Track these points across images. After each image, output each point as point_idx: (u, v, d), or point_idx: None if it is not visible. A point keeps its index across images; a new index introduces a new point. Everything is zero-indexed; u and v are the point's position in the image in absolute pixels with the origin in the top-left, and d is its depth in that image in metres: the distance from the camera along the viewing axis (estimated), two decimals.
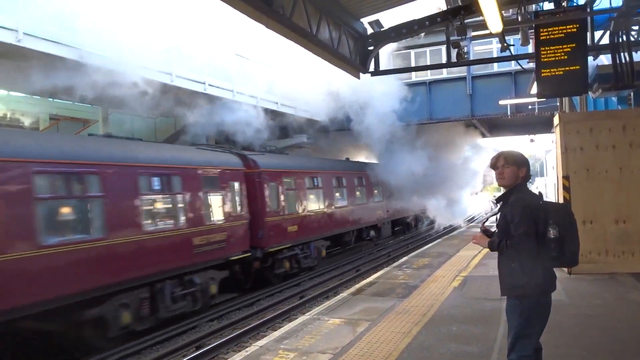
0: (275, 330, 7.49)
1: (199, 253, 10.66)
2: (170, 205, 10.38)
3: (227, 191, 11.95)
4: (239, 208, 12.31)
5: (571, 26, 7.53)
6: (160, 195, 10.15)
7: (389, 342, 6.03)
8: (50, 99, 13.97)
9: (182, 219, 10.34)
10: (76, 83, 10.03)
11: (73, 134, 12.33)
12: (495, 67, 19.02)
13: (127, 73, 10.35)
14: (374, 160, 23.52)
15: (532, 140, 34.87)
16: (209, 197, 11.28)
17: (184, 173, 10.57)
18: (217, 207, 11.56)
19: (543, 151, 42.77)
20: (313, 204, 16.03)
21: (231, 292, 12.43)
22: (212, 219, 11.28)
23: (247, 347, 6.51)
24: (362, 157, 24.69)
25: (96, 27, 10.09)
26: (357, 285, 9.83)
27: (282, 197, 14.14)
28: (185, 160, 10.98)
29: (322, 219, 16.36)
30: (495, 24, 7.23)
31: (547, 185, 36.07)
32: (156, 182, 9.94)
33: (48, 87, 9.90)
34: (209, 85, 13.96)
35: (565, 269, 9.58)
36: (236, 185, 12.33)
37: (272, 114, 16.79)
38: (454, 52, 8.98)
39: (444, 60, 10.60)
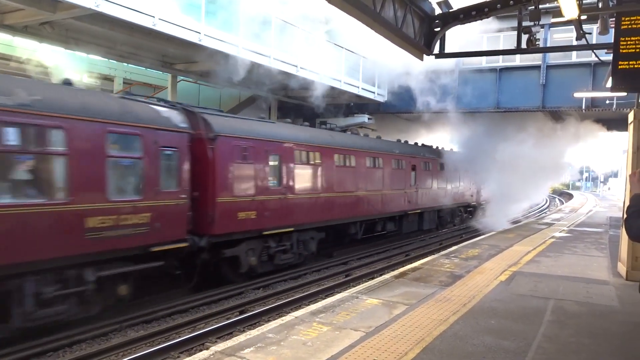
0: (313, 304, 7.63)
1: None
2: None
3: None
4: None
5: None
6: None
7: (423, 328, 6.00)
8: (125, 64, 14.67)
9: None
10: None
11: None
12: (574, 57, 17.89)
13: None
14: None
15: None
16: None
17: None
18: None
19: (620, 151, 40.24)
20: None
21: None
22: None
23: (284, 316, 6.68)
24: (423, 140, 24.26)
25: None
26: (401, 269, 9.77)
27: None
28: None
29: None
30: (570, 9, 6.83)
31: (621, 187, 33.99)
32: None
33: None
34: (274, 59, 14.09)
35: (623, 274, 9.07)
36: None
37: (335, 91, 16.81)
38: (524, 38, 8.54)
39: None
